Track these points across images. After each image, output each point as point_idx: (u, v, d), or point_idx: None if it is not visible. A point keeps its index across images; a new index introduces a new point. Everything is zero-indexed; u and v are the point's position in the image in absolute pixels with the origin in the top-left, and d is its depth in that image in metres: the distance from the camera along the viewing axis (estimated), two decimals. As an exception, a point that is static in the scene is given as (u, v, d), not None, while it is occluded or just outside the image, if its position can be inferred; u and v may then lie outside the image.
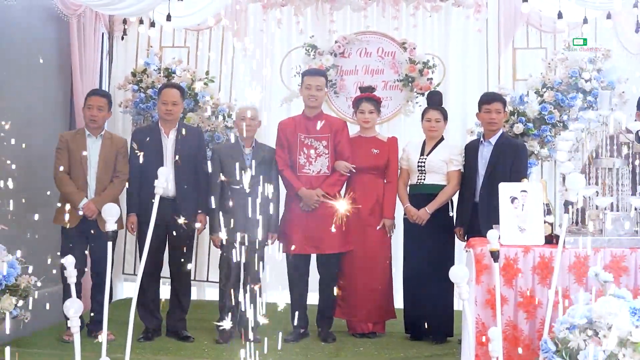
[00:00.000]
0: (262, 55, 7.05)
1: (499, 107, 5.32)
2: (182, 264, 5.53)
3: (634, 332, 3.18)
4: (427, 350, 5.29)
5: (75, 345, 3.38)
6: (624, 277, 3.87)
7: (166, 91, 5.52)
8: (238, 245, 5.33)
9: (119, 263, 7.00)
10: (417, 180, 5.53)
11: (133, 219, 5.45)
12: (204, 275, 7.09)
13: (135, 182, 5.41)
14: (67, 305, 3.35)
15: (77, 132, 5.52)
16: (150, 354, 5.09)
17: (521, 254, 3.99)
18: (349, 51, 6.75)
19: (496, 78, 6.75)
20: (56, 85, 6.25)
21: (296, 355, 5.09)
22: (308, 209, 5.42)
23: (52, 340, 5.35)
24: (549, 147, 6.15)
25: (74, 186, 5.31)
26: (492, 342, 3.33)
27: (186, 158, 5.43)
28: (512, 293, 3.99)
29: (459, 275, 3.50)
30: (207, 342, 5.42)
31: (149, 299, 5.48)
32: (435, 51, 6.84)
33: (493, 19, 6.80)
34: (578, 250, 3.92)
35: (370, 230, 5.60)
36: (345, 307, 5.66)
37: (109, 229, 3.61)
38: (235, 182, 5.32)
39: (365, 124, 5.67)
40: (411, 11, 6.83)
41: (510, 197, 4.13)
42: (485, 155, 5.31)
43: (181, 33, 7.15)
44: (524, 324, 3.97)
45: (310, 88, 5.51)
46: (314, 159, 5.49)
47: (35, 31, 5.87)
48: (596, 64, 6.21)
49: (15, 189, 4.85)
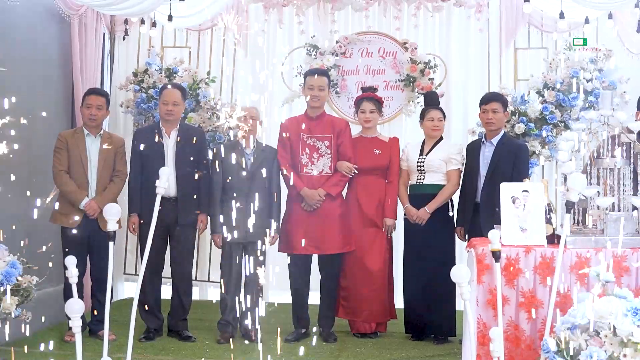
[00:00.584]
0: (263, 56, 7.06)
1: (495, 107, 5.32)
2: (184, 264, 5.54)
3: (635, 332, 3.17)
4: (428, 350, 5.29)
5: (77, 345, 3.38)
6: (625, 277, 3.86)
7: (167, 91, 5.52)
8: (239, 245, 5.33)
9: (120, 263, 7.00)
10: (416, 181, 5.53)
11: (135, 219, 5.46)
12: (205, 275, 7.10)
13: (137, 182, 5.42)
14: (69, 305, 3.35)
15: (76, 131, 5.53)
16: (151, 354, 5.10)
17: (522, 254, 3.98)
18: (351, 51, 6.76)
19: (497, 78, 6.74)
20: (57, 85, 6.25)
21: (297, 355, 5.08)
22: (310, 209, 5.42)
23: (54, 340, 5.34)
24: (550, 147, 6.15)
25: (74, 185, 5.32)
26: (493, 342, 3.33)
27: (187, 158, 5.43)
28: (514, 293, 3.98)
29: (461, 275, 3.50)
30: (209, 342, 5.42)
31: (150, 299, 5.48)
32: (436, 51, 6.84)
33: (494, 19, 6.80)
34: (579, 250, 3.92)
35: (372, 230, 5.60)
36: (348, 307, 5.65)
37: (110, 228, 3.62)
38: (236, 182, 5.32)
39: (366, 124, 5.67)
40: (412, 11, 6.83)
41: (511, 197, 4.12)
42: (486, 155, 5.32)
43: (183, 33, 7.16)
44: (525, 324, 3.97)
45: (312, 88, 5.51)
46: (316, 159, 5.49)
47: (37, 31, 5.88)
48: (597, 64, 6.21)
49: (17, 188, 4.86)
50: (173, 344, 5.39)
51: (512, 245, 4.02)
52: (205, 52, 7.13)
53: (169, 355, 5.11)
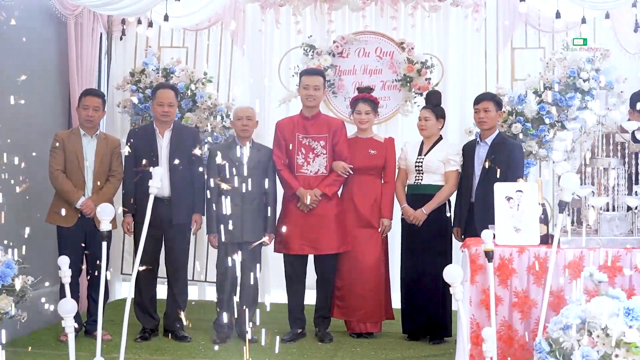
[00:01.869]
0: (260, 56, 7.06)
1: (486, 106, 5.33)
2: (178, 264, 5.55)
3: (628, 332, 3.17)
4: (424, 350, 5.29)
5: (70, 345, 3.37)
6: (619, 277, 3.86)
7: (162, 92, 5.52)
8: (235, 246, 5.33)
9: (117, 263, 7.00)
10: (414, 181, 5.53)
11: (129, 220, 5.47)
12: (201, 276, 7.09)
13: (131, 182, 5.42)
14: (61, 305, 3.35)
15: (72, 131, 5.54)
16: (146, 354, 5.10)
17: (516, 254, 3.98)
18: (348, 51, 6.76)
19: (494, 78, 6.74)
20: (54, 85, 6.24)
21: (293, 355, 5.09)
22: (306, 209, 5.42)
23: (50, 340, 5.36)
24: (547, 147, 6.14)
25: (71, 184, 5.32)
26: (486, 342, 3.33)
27: (181, 158, 5.42)
28: (507, 293, 3.98)
29: (453, 275, 3.49)
30: (205, 342, 5.42)
31: (145, 299, 5.49)
32: (433, 51, 6.84)
33: (491, 18, 6.80)
34: (573, 250, 3.92)
35: (368, 230, 5.59)
36: (344, 307, 5.65)
37: (104, 228, 3.62)
38: (232, 182, 5.32)
39: (362, 125, 5.66)
40: (409, 11, 6.82)
41: (505, 197, 4.12)
42: (481, 155, 5.32)
43: (180, 33, 7.15)
44: (519, 324, 3.97)
45: (308, 88, 5.51)
46: (312, 159, 5.49)
47: (33, 31, 5.87)
48: (594, 63, 6.21)
49: (13, 187, 4.86)
50: (168, 344, 5.39)
51: (506, 245, 4.02)
52: (202, 52, 7.13)
53: (164, 355, 5.11)
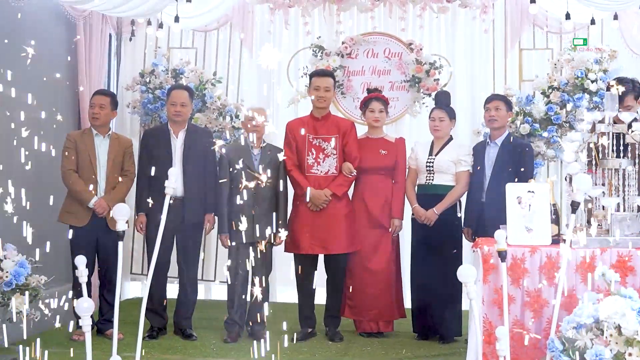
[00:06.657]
0: (269, 56, 7.07)
1: (497, 104, 5.36)
2: (189, 264, 5.58)
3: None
4: (434, 349, 5.31)
5: (87, 344, 3.40)
6: (630, 277, 3.87)
7: (175, 92, 5.56)
8: (246, 245, 5.35)
9: (126, 262, 7.03)
10: (425, 181, 5.54)
11: (142, 219, 5.51)
12: (211, 275, 7.12)
13: (145, 182, 5.45)
14: (79, 304, 3.37)
15: (84, 131, 5.59)
16: (158, 353, 5.13)
17: (528, 254, 4.00)
18: (356, 52, 6.78)
19: (502, 79, 6.78)
20: (63, 85, 6.27)
21: (304, 355, 5.11)
22: (316, 209, 5.45)
23: (61, 339, 5.38)
24: (555, 148, 6.16)
25: (83, 184, 5.36)
26: (499, 341, 3.36)
27: (195, 159, 5.46)
28: (519, 292, 4.00)
29: (467, 274, 3.53)
30: (215, 341, 5.44)
31: (155, 298, 5.52)
32: (441, 52, 6.87)
33: (500, 19, 6.83)
34: (584, 250, 3.94)
35: (378, 230, 5.62)
36: (354, 306, 5.68)
37: (119, 228, 3.64)
38: (243, 182, 5.35)
39: (376, 123, 5.68)
40: (418, 12, 6.84)
41: (517, 197, 4.14)
42: (491, 156, 5.34)
43: (189, 34, 7.19)
44: (531, 323, 3.99)
45: (318, 89, 5.53)
46: (322, 160, 5.52)
47: (43, 32, 5.90)
48: (602, 64, 6.23)
49: (24, 188, 4.87)
50: (179, 342, 5.42)
51: (518, 245, 4.04)
52: (211, 52, 7.16)
53: (176, 354, 5.14)
